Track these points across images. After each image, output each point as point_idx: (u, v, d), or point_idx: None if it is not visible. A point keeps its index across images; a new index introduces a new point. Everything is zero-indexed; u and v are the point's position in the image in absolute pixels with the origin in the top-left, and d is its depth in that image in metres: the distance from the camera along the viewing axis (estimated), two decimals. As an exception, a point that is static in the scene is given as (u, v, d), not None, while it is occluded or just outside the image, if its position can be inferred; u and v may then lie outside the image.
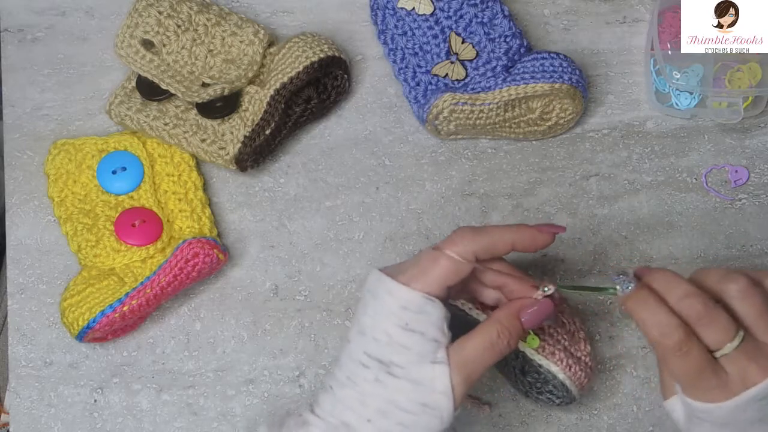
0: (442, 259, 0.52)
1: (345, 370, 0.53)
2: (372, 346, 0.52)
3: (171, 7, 0.69)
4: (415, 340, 0.51)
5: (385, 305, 0.52)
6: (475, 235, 0.53)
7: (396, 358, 0.51)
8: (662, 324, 0.50)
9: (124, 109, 0.69)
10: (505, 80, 0.68)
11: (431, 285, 0.52)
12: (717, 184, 0.73)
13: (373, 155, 0.73)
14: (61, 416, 0.68)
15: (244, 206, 0.71)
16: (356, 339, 0.53)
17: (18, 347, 0.68)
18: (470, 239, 0.53)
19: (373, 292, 0.53)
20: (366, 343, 0.52)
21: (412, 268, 0.53)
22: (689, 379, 0.51)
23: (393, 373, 0.51)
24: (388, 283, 0.52)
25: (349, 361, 0.53)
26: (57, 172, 0.69)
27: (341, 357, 0.54)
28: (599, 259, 0.71)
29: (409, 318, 0.51)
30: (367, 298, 0.53)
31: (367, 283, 0.54)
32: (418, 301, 0.51)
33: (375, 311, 0.52)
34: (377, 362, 0.52)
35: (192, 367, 0.69)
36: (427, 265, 0.52)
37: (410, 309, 0.51)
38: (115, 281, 0.65)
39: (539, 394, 0.65)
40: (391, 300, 0.52)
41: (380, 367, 0.51)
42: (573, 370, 0.63)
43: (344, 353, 0.54)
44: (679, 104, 0.73)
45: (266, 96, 0.67)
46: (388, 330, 0.51)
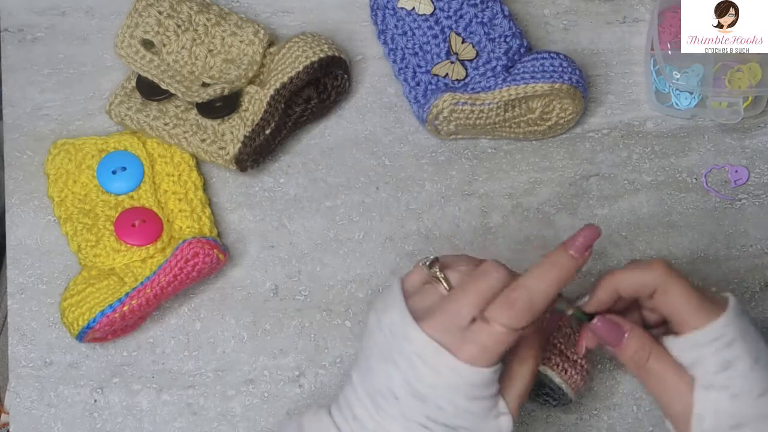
0: (498, 335, 0.50)
1: (401, 428, 0.51)
2: (436, 414, 0.51)
3: (171, 7, 0.69)
4: (482, 404, 0.51)
5: (450, 382, 0.50)
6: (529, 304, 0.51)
7: (464, 423, 0.51)
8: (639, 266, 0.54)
9: (124, 109, 0.69)
10: (505, 80, 0.68)
11: (493, 359, 0.51)
12: (717, 184, 0.73)
13: (373, 155, 0.73)
14: (61, 416, 0.68)
15: (244, 206, 0.71)
16: (412, 402, 0.51)
17: (18, 347, 0.68)
18: (527, 311, 0.51)
19: (430, 364, 0.50)
20: (428, 410, 0.51)
21: (470, 345, 0.50)
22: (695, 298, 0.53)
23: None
24: (450, 361, 0.50)
25: (404, 420, 0.51)
26: (57, 172, 0.69)
27: (388, 410, 0.51)
28: (599, 259, 0.71)
29: (477, 391, 0.51)
30: (419, 366, 0.50)
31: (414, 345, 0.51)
32: (485, 378, 0.51)
33: (436, 384, 0.50)
34: (443, 426, 0.51)
35: (192, 367, 0.69)
36: (486, 342, 0.50)
37: (477, 385, 0.51)
38: (115, 281, 0.65)
39: (536, 396, 0.65)
40: (458, 379, 0.50)
41: (446, 429, 0.51)
42: (569, 374, 0.63)
43: (393, 409, 0.51)
44: (679, 104, 0.73)
45: (266, 96, 0.67)
46: (455, 402, 0.50)
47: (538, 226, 0.71)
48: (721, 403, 0.52)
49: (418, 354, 0.50)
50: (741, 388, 0.52)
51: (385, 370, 0.51)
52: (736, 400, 0.52)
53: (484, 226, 0.71)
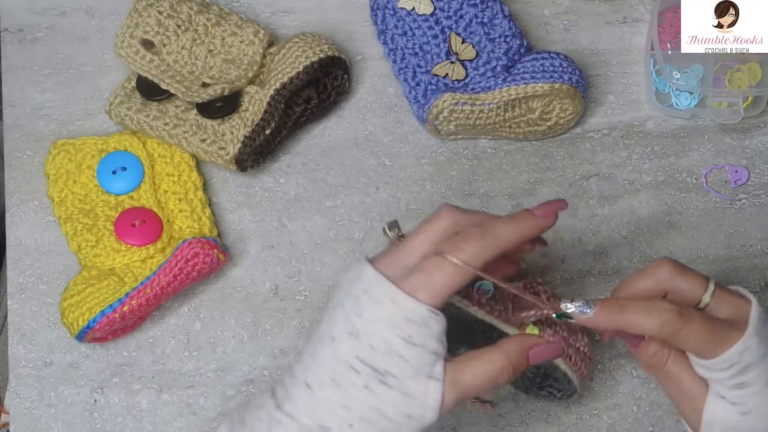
0: (448, 267, 0.49)
1: (328, 370, 0.50)
2: (366, 353, 0.49)
3: (171, 7, 0.69)
4: (415, 352, 0.49)
5: (386, 313, 0.49)
6: (482, 241, 0.50)
7: (392, 368, 0.49)
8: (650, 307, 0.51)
9: (124, 109, 0.69)
10: (505, 80, 0.68)
11: (437, 296, 0.49)
12: (717, 184, 0.73)
13: (373, 155, 0.73)
14: (61, 416, 0.68)
15: (244, 206, 0.71)
16: (346, 340, 0.50)
17: (18, 347, 0.68)
18: (478, 245, 0.50)
19: (373, 296, 0.50)
20: (359, 348, 0.49)
21: (416, 275, 0.50)
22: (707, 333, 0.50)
23: (386, 383, 0.49)
24: (391, 290, 0.49)
25: (334, 362, 0.50)
26: (57, 172, 0.69)
27: (321, 352, 0.50)
28: (599, 259, 0.71)
29: (413, 330, 0.49)
30: (363, 300, 0.50)
31: (363, 282, 0.50)
32: (424, 315, 0.49)
33: (374, 317, 0.49)
34: (370, 369, 0.49)
35: (192, 367, 0.69)
36: (432, 273, 0.49)
37: (415, 321, 0.49)
38: (115, 281, 0.65)
39: (539, 389, 0.65)
40: (395, 309, 0.49)
41: (373, 374, 0.49)
42: (573, 360, 0.63)
43: (326, 350, 0.50)
44: (679, 104, 0.73)
45: (266, 96, 0.67)
46: (389, 339, 0.49)
47: (538, 226, 0.71)
48: (731, 417, 0.52)
49: (363, 288, 0.50)
50: (752, 406, 0.52)
51: (332, 315, 0.51)
52: (747, 416, 0.52)
53: (484, 226, 0.71)
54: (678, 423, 0.68)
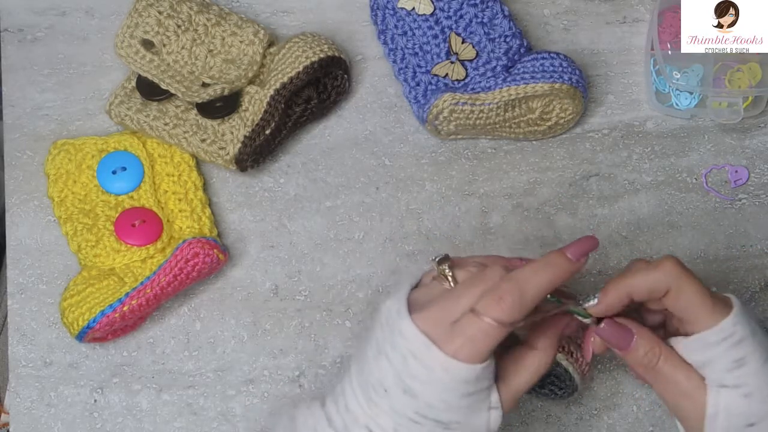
0: (488, 330, 0.49)
1: (391, 421, 0.50)
2: (426, 410, 0.50)
3: (171, 7, 0.69)
4: (474, 399, 0.50)
5: (439, 378, 0.49)
6: (519, 299, 0.50)
7: (454, 417, 0.50)
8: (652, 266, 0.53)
9: (124, 109, 0.69)
10: (505, 80, 0.68)
11: (483, 355, 0.50)
12: (717, 184, 0.73)
13: (373, 155, 0.73)
14: (61, 416, 0.68)
15: (244, 206, 0.71)
16: (402, 397, 0.50)
17: (18, 347, 0.68)
18: (514, 304, 0.50)
19: (420, 360, 0.49)
20: (418, 406, 0.50)
21: (459, 338, 0.49)
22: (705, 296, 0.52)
23: (450, 428, 0.50)
24: (440, 357, 0.49)
25: (393, 413, 0.50)
26: (57, 172, 0.69)
27: (378, 402, 0.51)
28: (599, 259, 0.71)
29: (470, 387, 0.50)
30: (410, 362, 0.50)
31: (407, 341, 0.50)
32: (477, 374, 0.50)
33: (427, 380, 0.50)
34: (433, 422, 0.50)
35: (192, 367, 0.69)
36: (475, 336, 0.49)
37: (470, 381, 0.50)
38: (115, 281, 0.65)
39: (541, 387, 0.65)
40: (446, 375, 0.49)
41: (436, 424, 0.50)
42: (575, 356, 0.63)
43: (383, 401, 0.50)
44: (679, 104, 0.73)
45: (266, 96, 0.67)
46: (447, 399, 0.50)
47: (538, 226, 0.71)
48: (734, 402, 0.52)
49: (409, 348, 0.50)
50: (753, 387, 0.52)
51: (378, 363, 0.51)
52: (749, 398, 0.52)
53: (484, 226, 0.71)
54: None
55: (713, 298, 0.53)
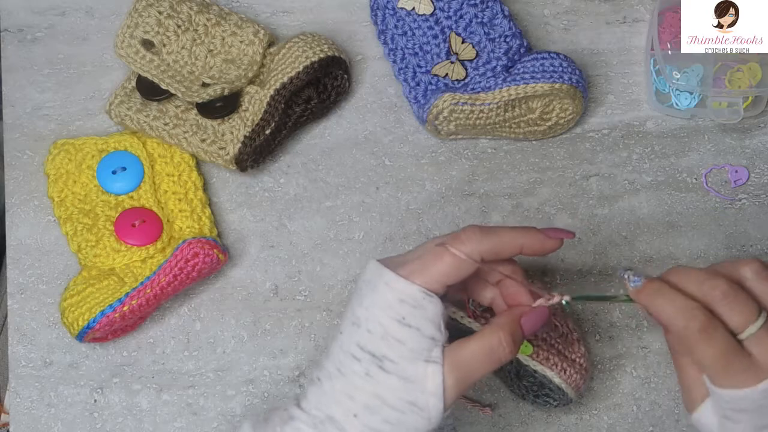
0: (446, 256, 0.51)
1: (335, 362, 0.51)
2: (365, 339, 0.50)
3: (171, 7, 0.69)
4: (410, 335, 0.50)
5: (382, 297, 0.50)
6: (483, 236, 0.52)
7: (389, 352, 0.50)
8: (683, 308, 0.49)
9: (124, 109, 0.69)
10: (505, 80, 0.68)
11: (432, 281, 0.50)
12: (717, 184, 0.73)
13: (373, 155, 0.73)
14: (61, 416, 0.68)
15: (244, 206, 0.71)
16: (349, 330, 0.51)
17: (18, 347, 0.69)
18: (478, 239, 0.51)
19: (371, 283, 0.51)
20: (359, 335, 0.51)
21: (414, 262, 0.51)
22: (718, 362, 0.49)
23: (384, 368, 0.50)
24: (386, 275, 0.51)
25: (339, 353, 0.51)
26: (57, 172, 0.69)
27: (331, 348, 0.52)
28: (599, 259, 0.71)
29: (406, 312, 0.50)
30: (364, 289, 0.52)
31: (365, 274, 0.52)
32: (416, 295, 0.50)
33: (371, 302, 0.51)
34: (369, 355, 0.50)
35: (192, 367, 0.69)
36: (429, 261, 0.51)
37: (408, 302, 0.50)
38: (115, 281, 0.65)
39: (536, 398, 0.65)
40: (389, 292, 0.50)
41: (372, 360, 0.50)
42: (568, 373, 0.63)
43: (335, 344, 0.52)
44: (679, 104, 0.73)
45: (266, 96, 0.67)
46: (384, 322, 0.50)
47: (538, 226, 0.71)
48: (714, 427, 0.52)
49: (366, 279, 0.52)
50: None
51: (343, 316, 0.53)
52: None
53: (484, 226, 0.71)
54: (678, 423, 0.68)
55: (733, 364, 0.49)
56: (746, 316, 0.49)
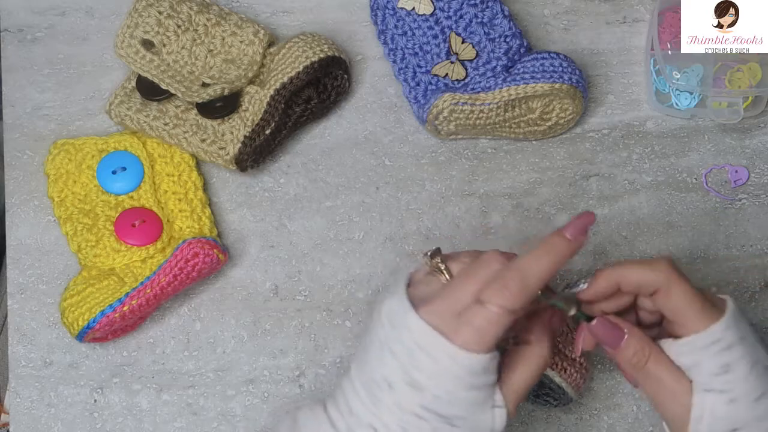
0: (493, 317, 0.50)
1: (394, 418, 0.50)
2: (431, 403, 0.50)
3: (171, 7, 0.69)
4: (478, 393, 0.50)
5: (446, 368, 0.49)
6: (522, 284, 0.50)
7: (459, 412, 0.50)
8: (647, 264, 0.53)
9: (124, 109, 0.69)
10: (505, 80, 0.68)
11: (489, 343, 0.50)
12: (717, 184, 0.73)
13: (373, 155, 0.73)
14: (61, 416, 0.68)
15: (244, 206, 0.71)
16: (408, 392, 0.50)
17: (18, 347, 0.69)
18: (518, 290, 0.50)
19: (427, 351, 0.50)
20: (423, 399, 0.50)
21: (465, 327, 0.50)
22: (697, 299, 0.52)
23: (454, 424, 0.50)
24: (447, 347, 0.49)
25: (398, 410, 0.50)
26: (57, 172, 0.69)
27: (382, 399, 0.51)
28: (599, 259, 0.71)
29: (475, 379, 0.50)
30: (417, 354, 0.50)
31: (413, 333, 0.50)
32: (484, 364, 0.50)
33: (434, 372, 0.50)
34: (436, 416, 0.50)
35: (192, 367, 0.69)
36: (480, 325, 0.50)
37: (476, 371, 0.50)
38: (115, 281, 0.65)
39: (536, 397, 0.65)
40: (454, 365, 0.49)
41: (440, 419, 0.50)
42: (568, 373, 0.63)
43: (387, 398, 0.51)
44: (679, 104, 0.73)
45: (266, 96, 0.67)
46: (452, 391, 0.50)
47: (538, 226, 0.71)
48: (719, 407, 0.52)
49: (416, 341, 0.50)
50: (739, 392, 0.52)
51: (382, 359, 0.51)
52: (734, 404, 0.52)
53: (484, 226, 0.71)
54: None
55: (705, 302, 0.53)
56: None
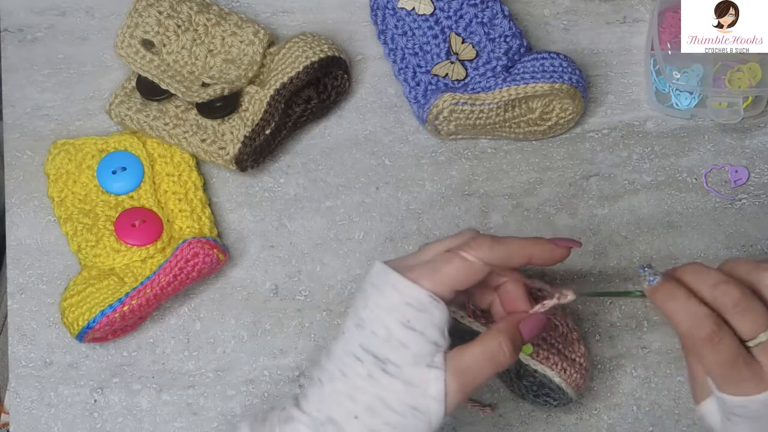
0: (456, 261, 0.51)
1: (337, 363, 0.51)
2: (369, 340, 0.50)
3: (171, 7, 0.69)
4: (414, 339, 0.50)
5: (388, 299, 0.50)
6: (494, 243, 0.52)
7: (392, 355, 0.50)
8: (693, 314, 0.50)
9: (124, 109, 0.69)
10: (505, 80, 0.68)
11: (440, 285, 0.50)
12: (717, 184, 0.73)
13: (373, 155, 0.73)
14: (61, 416, 0.68)
15: (244, 206, 0.71)
16: (352, 331, 0.51)
17: (18, 347, 0.69)
18: (488, 247, 0.51)
19: (377, 285, 0.51)
20: (363, 337, 0.50)
21: (423, 265, 0.51)
22: (722, 370, 0.50)
23: (387, 371, 0.50)
24: (393, 277, 0.50)
25: (342, 354, 0.51)
26: (57, 172, 0.69)
27: (333, 349, 0.52)
28: (599, 259, 0.71)
29: (412, 315, 0.50)
30: (369, 291, 0.51)
31: (371, 276, 0.52)
32: (423, 299, 0.50)
33: (376, 304, 0.51)
34: (372, 357, 0.50)
35: (192, 367, 0.69)
36: (439, 265, 0.51)
37: (414, 306, 0.50)
38: (115, 281, 0.65)
39: (536, 397, 0.65)
40: (395, 294, 0.50)
41: (375, 362, 0.50)
42: (568, 373, 0.63)
43: (338, 345, 0.52)
44: (679, 104, 0.73)
45: (266, 96, 0.67)
46: (389, 325, 0.50)
47: (538, 226, 0.71)
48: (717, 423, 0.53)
49: (371, 281, 0.52)
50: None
51: (346, 316, 0.53)
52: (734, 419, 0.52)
53: (484, 226, 0.71)
54: (678, 423, 0.68)
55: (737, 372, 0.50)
56: (757, 324, 0.50)
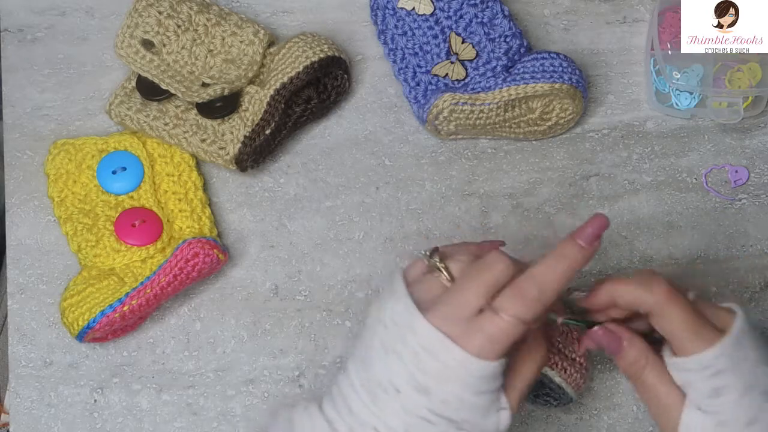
0: (506, 327, 0.49)
1: (400, 422, 0.50)
2: (439, 407, 0.50)
3: (171, 7, 0.69)
4: (486, 398, 0.50)
5: (456, 374, 0.49)
6: (538, 295, 0.50)
7: (467, 416, 0.50)
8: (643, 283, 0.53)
9: (124, 109, 0.69)
10: (505, 80, 0.68)
11: (500, 352, 0.50)
12: (717, 184, 0.73)
13: (373, 155, 0.73)
14: (61, 416, 0.68)
15: (244, 206, 0.71)
16: (414, 396, 0.49)
17: (18, 347, 0.69)
18: (537, 301, 0.50)
19: (435, 354, 0.49)
20: (431, 404, 0.49)
21: (477, 335, 0.49)
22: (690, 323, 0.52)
23: (461, 428, 0.50)
24: (458, 354, 0.49)
25: (404, 414, 0.50)
26: (57, 172, 0.69)
27: (387, 402, 0.50)
28: (599, 259, 0.71)
29: (484, 385, 0.50)
30: (423, 356, 0.49)
31: (419, 336, 0.49)
32: (495, 371, 0.50)
33: (443, 377, 0.49)
34: (446, 420, 0.50)
35: (192, 367, 0.69)
36: (494, 334, 0.49)
37: (486, 378, 0.50)
38: (115, 281, 0.65)
39: (536, 397, 0.65)
40: (464, 372, 0.49)
41: (449, 424, 0.50)
42: (569, 373, 0.63)
43: (393, 402, 0.50)
44: (679, 104, 0.73)
45: (266, 96, 0.67)
46: (461, 396, 0.49)
47: (538, 226, 0.71)
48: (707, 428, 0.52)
49: (424, 346, 0.49)
50: (729, 416, 0.51)
51: (386, 362, 0.50)
52: (723, 427, 0.52)
53: (484, 226, 0.71)
54: (678, 423, 0.68)
55: (700, 325, 0.52)
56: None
